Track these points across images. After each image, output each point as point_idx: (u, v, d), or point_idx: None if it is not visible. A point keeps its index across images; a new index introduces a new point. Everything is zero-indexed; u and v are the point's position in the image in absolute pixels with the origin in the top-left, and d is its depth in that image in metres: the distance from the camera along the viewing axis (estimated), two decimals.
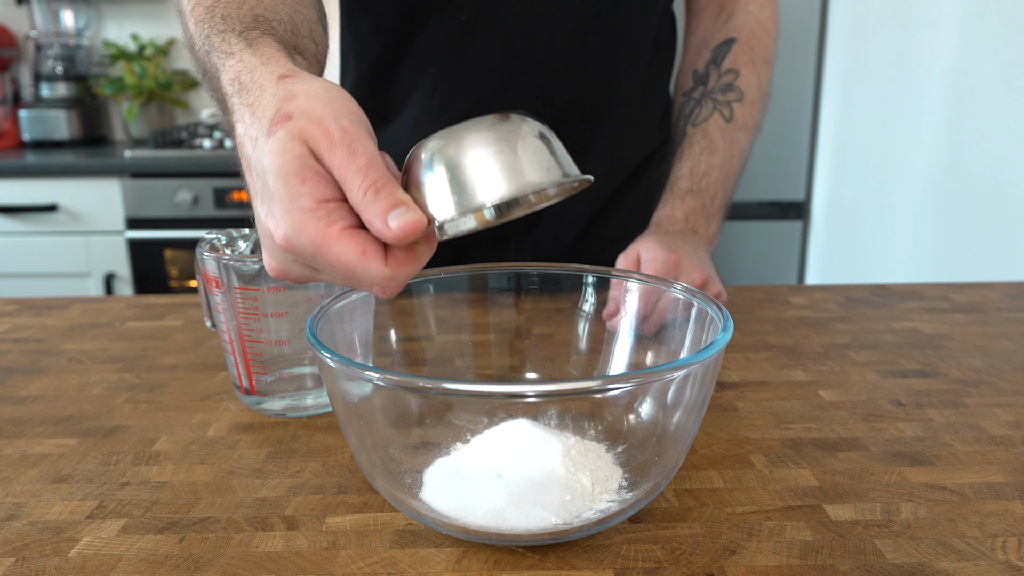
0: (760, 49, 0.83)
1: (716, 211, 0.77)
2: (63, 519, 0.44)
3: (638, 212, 0.87)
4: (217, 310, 0.55)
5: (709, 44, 0.84)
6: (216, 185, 1.99)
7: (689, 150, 0.79)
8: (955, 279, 1.35)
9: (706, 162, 0.78)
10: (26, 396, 0.60)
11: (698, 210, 0.76)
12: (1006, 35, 1.36)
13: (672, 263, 0.65)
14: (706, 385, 0.41)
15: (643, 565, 0.39)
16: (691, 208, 0.76)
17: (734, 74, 0.81)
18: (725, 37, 0.83)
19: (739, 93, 0.81)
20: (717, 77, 0.82)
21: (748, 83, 0.81)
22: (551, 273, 0.54)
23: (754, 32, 0.83)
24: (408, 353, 0.54)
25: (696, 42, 0.86)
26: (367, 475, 0.43)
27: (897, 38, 1.71)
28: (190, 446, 0.52)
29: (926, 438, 0.52)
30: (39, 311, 0.80)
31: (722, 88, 0.81)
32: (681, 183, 0.77)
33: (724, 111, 0.80)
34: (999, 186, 1.38)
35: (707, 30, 0.85)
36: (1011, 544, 0.41)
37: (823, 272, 2.13)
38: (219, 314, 0.55)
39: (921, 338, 0.70)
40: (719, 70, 0.82)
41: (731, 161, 0.79)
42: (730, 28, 0.83)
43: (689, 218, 0.75)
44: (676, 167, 0.79)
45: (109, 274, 2.06)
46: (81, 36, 2.39)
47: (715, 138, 0.79)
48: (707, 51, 0.84)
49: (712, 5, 0.86)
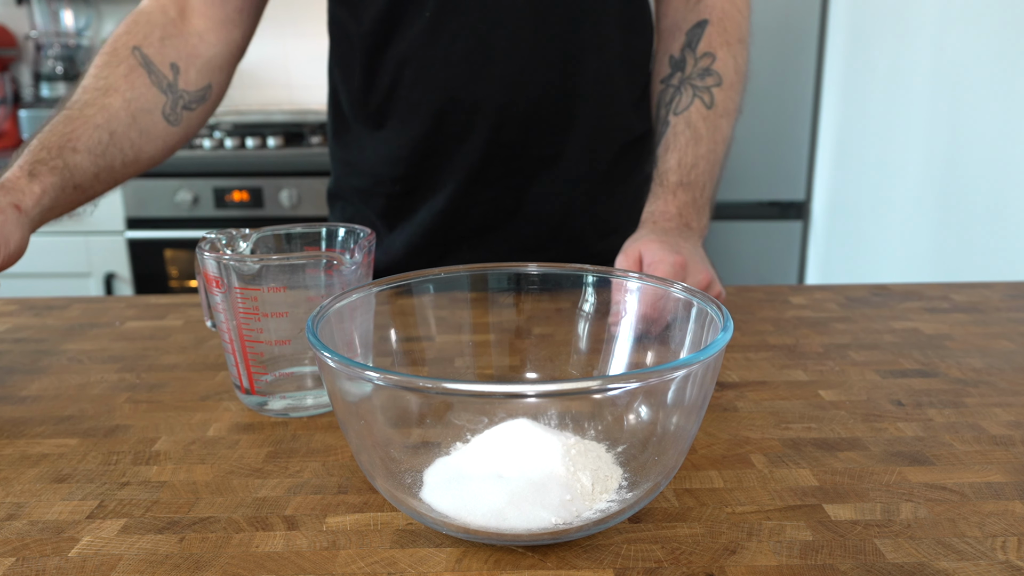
0: (734, 29, 0.82)
1: (705, 203, 0.77)
2: (63, 519, 0.44)
3: (628, 206, 0.88)
4: (217, 310, 0.55)
5: (682, 27, 0.83)
6: (216, 185, 1.99)
7: (675, 140, 0.79)
8: (955, 279, 1.35)
9: (693, 153, 0.77)
10: (26, 396, 0.60)
11: (690, 204, 0.75)
12: (1006, 35, 1.36)
13: (679, 265, 0.65)
14: (706, 385, 0.41)
15: (643, 565, 0.39)
16: (683, 202, 0.75)
17: (710, 58, 0.80)
18: (697, 19, 0.82)
19: (717, 77, 0.80)
20: (694, 62, 0.81)
21: (725, 66, 0.80)
22: (551, 273, 0.54)
23: (726, 12, 0.82)
24: (408, 353, 0.54)
25: (668, 25, 0.85)
26: (367, 475, 0.43)
27: (897, 38, 1.71)
28: (190, 446, 0.52)
29: (926, 438, 0.52)
30: (39, 311, 0.80)
31: (700, 73, 0.80)
32: (671, 176, 0.77)
33: (704, 97, 0.79)
34: (999, 186, 1.38)
35: (678, 12, 0.84)
36: (1011, 544, 0.41)
37: (823, 272, 2.13)
38: (219, 314, 0.55)
39: (921, 338, 0.70)
40: (695, 54, 0.81)
41: (716, 150, 0.79)
42: (701, 9, 0.82)
43: (683, 213, 0.75)
44: (663, 159, 0.79)
45: (109, 274, 2.06)
46: (81, 36, 2.39)
47: (699, 127, 0.78)
48: (680, 34, 0.83)
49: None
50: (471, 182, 0.85)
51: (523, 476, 0.42)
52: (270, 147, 2.06)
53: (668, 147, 0.79)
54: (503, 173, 0.86)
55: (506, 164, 0.85)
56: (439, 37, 0.80)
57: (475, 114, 0.82)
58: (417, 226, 0.89)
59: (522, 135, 0.84)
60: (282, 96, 2.46)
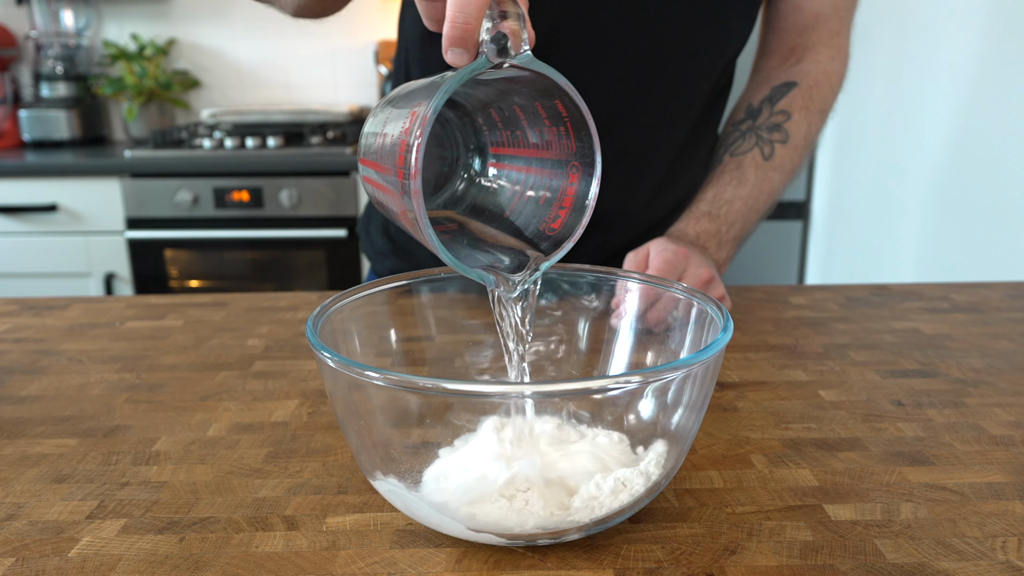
0: (819, 99, 0.82)
1: (730, 240, 0.77)
2: (63, 519, 0.44)
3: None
4: None
5: (771, 82, 0.84)
6: (216, 185, 1.99)
7: (719, 178, 0.79)
8: (955, 279, 1.35)
9: (731, 192, 0.77)
10: (26, 396, 0.60)
11: (711, 233, 0.75)
12: (1006, 35, 1.36)
13: (681, 254, 0.66)
14: (706, 385, 0.41)
15: (643, 565, 0.39)
16: (704, 229, 0.75)
17: (785, 115, 0.81)
18: (788, 79, 0.83)
19: (785, 134, 0.80)
20: (768, 115, 0.81)
21: (797, 128, 0.81)
22: (551, 273, 0.54)
23: (817, 81, 0.82)
24: (408, 353, 0.54)
25: (759, 79, 0.86)
26: (367, 475, 0.43)
27: (897, 38, 1.71)
28: (190, 446, 0.52)
29: (926, 438, 0.52)
30: (39, 311, 0.80)
31: (769, 127, 0.81)
32: (701, 205, 0.77)
33: (765, 148, 0.80)
34: (999, 186, 1.38)
35: (772, 70, 0.85)
36: (1011, 544, 0.41)
37: (823, 272, 2.13)
38: None
39: (921, 338, 0.70)
40: (772, 108, 0.81)
41: (758, 197, 0.78)
42: (795, 72, 0.83)
43: (700, 236, 0.74)
44: (702, 190, 0.79)
45: (109, 274, 2.06)
46: (81, 36, 2.39)
47: (748, 171, 0.79)
48: (766, 88, 0.83)
49: (783, 48, 0.85)
50: None
51: (523, 476, 0.42)
52: (270, 147, 2.06)
53: (710, 181, 0.79)
54: None
55: None
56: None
57: None
58: None
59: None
60: (282, 96, 2.46)
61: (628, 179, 0.83)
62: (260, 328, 0.74)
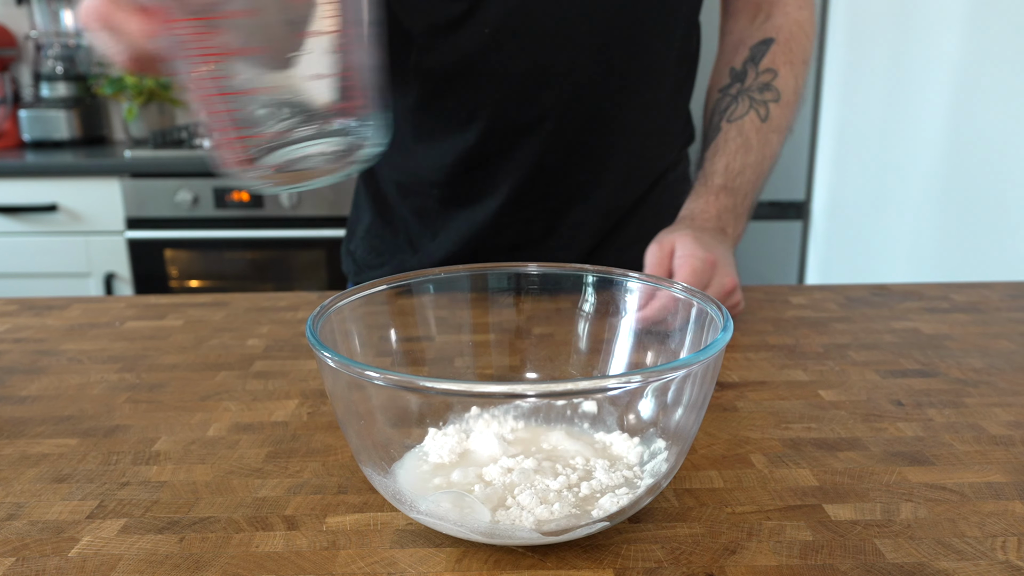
0: (799, 50, 0.82)
1: (744, 212, 0.78)
2: (63, 519, 0.44)
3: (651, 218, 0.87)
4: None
5: (746, 43, 0.84)
6: (216, 185, 1.99)
7: (725, 145, 0.79)
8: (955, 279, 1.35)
9: (741, 160, 0.78)
10: (26, 396, 0.60)
11: (729, 209, 0.76)
12: (1006, 34, 1.36)
13: (709, 263, 0.66)
14: (706, 385, 0.41)
15: (643, 565, 0.39)
16: (724, 206, 0.76)
17: (772, 73, 0.81)
18: (763, 37, 0.83)
19: (776, 93, 0.81)
20: (755, 75, 0.82)
21: (786, 84, 0.81)
22: (551, 273, 0.54)
23: (792, 33, 0.82)
24: (408, 353, 0.54)
25: (732, 41, 0.86)
26: (367, 475, 0.43)
27: (897, 38, 1.71)
28: (190, 446, 0.52)
29: (926, 438, 0.52)
30: (39, 311, 0.80)
31: (759, 87, 0.81)
32: (716, 178, 0.77)
33: (760, 110, 0.80)
34: (999, 186, 1.38)
35: (744, 30, 0.85)
36: (1011, 544, 0.41)
37: (823, 272, 2.13)
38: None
39: (921, 338, 0.70)
40: (757, 68, 0.82)
41: (763, 162, 0.79)
42: (768, 28, 0.83)
43: (721, 216, 0.75)
44: (710, 161, 0.79)
45: (109, 274, 2.06)
46: (81, 36, 2.39)
47: (750, 137, 0.79)
48: (744, 49, 0.84)
49: (749, 6, 0.85)
50: (510, 201, 0.85)
51: (523, 476, 0.42)
52: None
53: (717, 151, 0.79)
54: (541, 196, 0.85)
55: (546, 187, 0.85)
56: (495, 54, 0.78)
57: (523, 135, 0.81)
58: (454, 232, 0.88)
59: (564, 160, 0.83)
60: None
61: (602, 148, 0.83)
62: (260, 328, 0.74)
